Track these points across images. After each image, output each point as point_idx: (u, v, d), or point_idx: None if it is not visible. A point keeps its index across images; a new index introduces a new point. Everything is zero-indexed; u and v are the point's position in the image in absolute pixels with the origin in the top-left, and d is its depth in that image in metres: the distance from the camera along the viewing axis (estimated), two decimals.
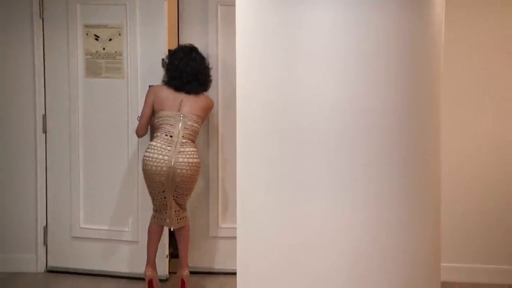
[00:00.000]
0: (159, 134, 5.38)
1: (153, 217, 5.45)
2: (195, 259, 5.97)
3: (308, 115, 3.60)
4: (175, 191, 5.33)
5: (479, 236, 5.71)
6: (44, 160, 5.86)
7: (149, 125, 5.52)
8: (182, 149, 5.32)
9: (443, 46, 3.94)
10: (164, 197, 5.35)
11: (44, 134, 5.89)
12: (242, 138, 3.82)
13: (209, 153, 5.97)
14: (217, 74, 5.85)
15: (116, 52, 5.77)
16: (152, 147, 5.30)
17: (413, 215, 3.73)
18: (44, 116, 5.90)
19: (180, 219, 5.44)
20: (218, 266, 5.75)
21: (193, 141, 5.41)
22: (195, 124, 5.44)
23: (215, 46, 5.86)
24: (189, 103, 5.45)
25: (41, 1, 5.84)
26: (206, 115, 5.57)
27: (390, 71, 3.64)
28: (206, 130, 5.94)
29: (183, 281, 5.44)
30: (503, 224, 5.70)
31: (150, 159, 5.28)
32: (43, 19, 5.86)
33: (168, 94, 5.45)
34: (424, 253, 3.78)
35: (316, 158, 3.62)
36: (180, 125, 5.37)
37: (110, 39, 5.77)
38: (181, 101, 5.44)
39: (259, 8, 3.72)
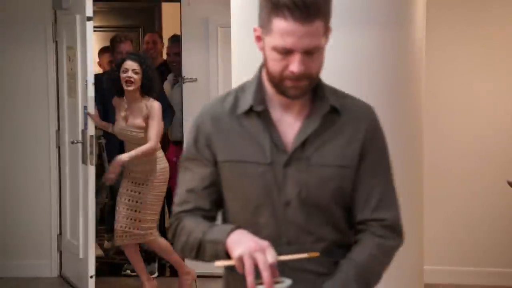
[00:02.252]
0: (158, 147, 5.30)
1: (156, 231, 5.25)
2: (207, 265, 5.95)
3: None
4: None
5: (463, 238, 5.70)
6: (57, 173, 5.85)
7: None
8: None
9: (424, 61, 3.97)
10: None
11: (57, 149, 5.88)
12: None
13: None
14: (217, 92, 5.87)
15: None
16: (162, 159, 5.21)
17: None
18: (58, 132, 5.91)
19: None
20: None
21: None
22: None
23: (215, 65, 5.88)
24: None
25: (54, 26, 5.82)
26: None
27: (378, 83, 3.67)
28: None
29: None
30: (487, 226, 5.69)
31: (166, 170, 5.22)
32: (56, 41, 5.86)
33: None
34: (407, 256, 3.78)
35: None
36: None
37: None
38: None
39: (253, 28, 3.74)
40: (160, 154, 5.17)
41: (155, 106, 5.08)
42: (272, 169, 2.05)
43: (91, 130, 5.25)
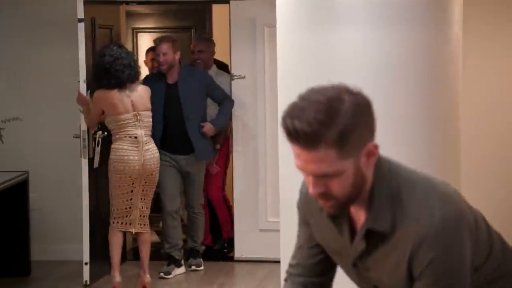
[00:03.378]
0: (122, 136, 5.22)
1: (114, 223, 5.27)
2: (245, 250, 6.11)
3: None
4: (143, 190, 5.26)
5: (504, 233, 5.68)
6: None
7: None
8: (147, 147, 5.25)
9: (461, 58, 4.02)
10: (130, 199, 5.23)
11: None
12: (284, 142, 3.94)
13: (257, 153, 6.09)
14: (264, 88, 6.01)
15: None
16: (119, 150, 5.20)
17: None
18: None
19: (144, 224, 5.33)
20: (267, 255, 5.85)
21: (151, 136, 5.37)
22: (150, 119, 5.35)
23: (262, 63, 6.02)
24: (138, 100, 5.29)
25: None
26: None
27: (414, 82, 3.73)
28: (255, 131, 6.07)
29: (144, 286, 5.30)
30: None
31: (121, 160, 5.18)
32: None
33: (117, 97, 5.21)
34: None
35: None
36: (139, 124, 5.24)
37: None
38: (131, 100, 5.25)
39: (298, 28, 3.86)
40: (115, 145, 5.25)
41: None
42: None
43: (83, 125, 5.44)
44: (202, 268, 5.91)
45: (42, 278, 5.79)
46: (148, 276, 5.26)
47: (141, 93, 5.32)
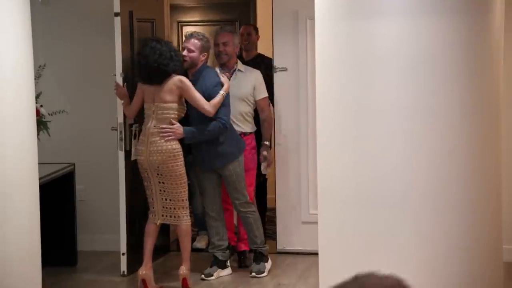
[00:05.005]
0: (142, 126, 5.28)
1: (148, 213, 5.28)
2: (289, 242, 6.09)
3: (379, 114, 3.67)
4: (159, 182, 5.18)
5: None
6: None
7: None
8: (153, 139, 5.15)
9: (503, 48, 3.93)
10: (151, 190, 5.22)
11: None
12: (321, 132, 3.92)
13: (300, 144, 6.04)
14: (306, 80, 5.96)
15: None
16: (139, 141, 5.27)
17: (475, 201, 3.73)
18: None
19: (170, 216, 5.22)
20: (310, 247, 5.81)
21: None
22: (166, 111, 5.17)
23: (304, 55, 5.97)
24: (159, 92, 5.16)
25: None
26: (178, 95, 5.18)
27: (453, 72, 3.67)
28: (298, 123, 6.02)
29: (183, 279, 5.19)
30: None
31: (137, 151, 5.23)
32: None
33: (147, 87, 5.22)
34: (485, 234, 3.78)
35: (387, 151, 3.68)
36: (153, 115, 5.18)
37: None
38: (155, 91, 5.18)
39: (336, 20, 3.82)
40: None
41: None
42: None
43: (120, 117, 5.45)
44: (265, 274, 5.55)
45: (87, 267, 5.86)
46: (183, 267, 5.19)
47: (169, 85, 5.16)
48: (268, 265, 5.63)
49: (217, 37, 5.74)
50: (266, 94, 5.74)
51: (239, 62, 5.79)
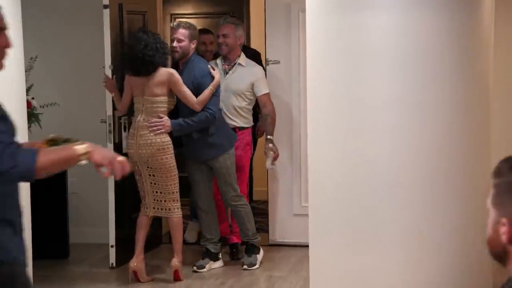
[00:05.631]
0: (132, 119, 5.27)
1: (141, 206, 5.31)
2: (282, 234, 6.10)
3: (370, 107, 3.68)
4: (150, 175, 5.18)
5: None
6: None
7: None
8: (142, 132, 5.14)
9: (493, 44, 3.93)
10: (142, 183, 5.23)
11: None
12: (312, 125, 3.92)
13: (292, 137, 6.05)
14: (298, 73, 5.95)
15: None
16: (129, 132, 5.28)
17: (464, 196, 3.73)
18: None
19: (161, 209, 5.23)
20: (302, 240, 5.81)
21: None
22: (155, 105, 5.15)
23: (297, 48, 5.96)
24: (148, 85, 5.13)
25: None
26: (167, 88, 5.15)
27: (443, 66, 3.68)
28: (290, 116, 6.02)
29: (175, 271, 5.21)
30: None
31: (127, 144, 5.26)
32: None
33: (135, 80, 5.18)
34: (474, 231, 3.78)
35: (377, 144, 3.69)
36: (143, 109, 5.17)
37: None
38: (144, 84, 5.15)
39: (327, 13, 3.82)
40: None
41: None
42: None
43: (109, 110, 5.45)
44: (257, 267, 5.56)
45: (79, 260, 5.87)
46: (175, 260, 5.20)
47: (158, 78, 5.14)
48: (259, 256, 5.65)
49: (219, 28, 5.68)
50: (267, 90, 5.67)
51: (242, 55, 5.70)
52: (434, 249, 3.66)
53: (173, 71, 5.24)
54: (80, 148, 2.50)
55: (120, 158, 2.55)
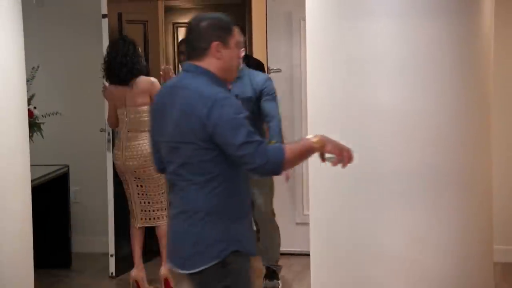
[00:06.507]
0: (118, 130, 5.26)
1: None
2: (284, 242, 6.08)
3: (368, 115, 3.67)
4: (137, 186, 5.18)
5: None
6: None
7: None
8: (127, 144, 5.13)
9: (493, 51, 3.93)
10: (130, 194, 5.23)
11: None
12: (312, 133, 3.91)
13: None
14: (300, 81, 5.96)
15: None
16: (115, 143, 5.27)
17: (466, 201, 3.73)
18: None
19: (149, 219, 5.23)
20: (304, 248, 5.79)
21: (142, 131, 5.07)
22: (138, 114, 5.12)
23: (298, 56, 5.97)
24: (130, 95, 5.11)
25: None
26: (149, 96, 5.06)
27: (443, 73, 3.67)
28: (292, 125, 6.02)
29: (165, 279, 5.18)
30: None
31: (113, 155, 5.24)
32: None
33: (116, 91, 5.16)
34: (476, 234, 3.77)
35: (378, 152, 3.68)
36: (126, 119, 5.14)
37: None
38: (125, 94, 5.13)
39: (326, 22, 3.82)
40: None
41: None
42: None
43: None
44: None
45: (82, 269, 5.87)
46: (164, 268, 5.15)
47: (139, 88, 5.12)
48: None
49: None
50: None
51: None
52: (437, 255, 3.65)
53: (154, 79, 5.21)
54: (316, 140, 2.75)
55: (348, 148, 2.78)
